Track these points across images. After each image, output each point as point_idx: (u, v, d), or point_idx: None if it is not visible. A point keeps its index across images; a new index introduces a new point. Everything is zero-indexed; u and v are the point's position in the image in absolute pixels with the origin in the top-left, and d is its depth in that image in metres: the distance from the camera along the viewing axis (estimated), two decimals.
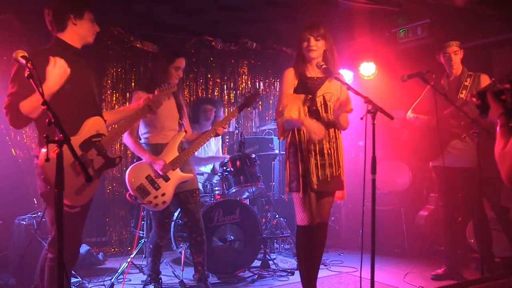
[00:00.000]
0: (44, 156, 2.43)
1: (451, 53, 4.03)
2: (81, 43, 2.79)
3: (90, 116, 2.72)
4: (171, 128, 3.76)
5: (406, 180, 5.52)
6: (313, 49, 3.16)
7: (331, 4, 4.80)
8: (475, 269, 4.42)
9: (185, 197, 3.73)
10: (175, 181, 3.61)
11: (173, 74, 3.69)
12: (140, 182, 3.50)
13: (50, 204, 2.63)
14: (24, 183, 4.73)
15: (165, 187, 3.55)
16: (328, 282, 4.14)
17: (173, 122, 3.78)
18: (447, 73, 4.16)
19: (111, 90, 5.58)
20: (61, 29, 2.72)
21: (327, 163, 3.18)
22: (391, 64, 5.72)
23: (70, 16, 2.70)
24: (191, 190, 3.76)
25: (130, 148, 3.71)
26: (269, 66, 6.66)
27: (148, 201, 3.49)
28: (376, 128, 2.83)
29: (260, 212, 5.53)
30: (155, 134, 3.72)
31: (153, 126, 3.71)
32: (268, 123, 6.08)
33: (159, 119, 3.66)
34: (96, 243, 5.38)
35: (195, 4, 4.91)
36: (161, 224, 3.75)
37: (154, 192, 3.51)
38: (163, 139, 3.71)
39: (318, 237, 3.25)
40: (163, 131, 3.72)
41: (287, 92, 3.21)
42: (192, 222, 3.73)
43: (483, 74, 4.04)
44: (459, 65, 4.09)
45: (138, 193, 3.48)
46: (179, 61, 3.71)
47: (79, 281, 4.04)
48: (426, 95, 4.28)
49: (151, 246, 3.82)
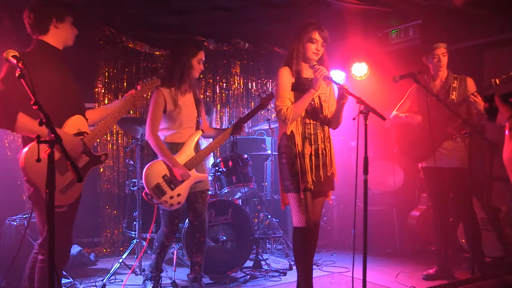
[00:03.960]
0: (25, 157, 2.43)
1: (440, 54, 4.04)
2: (62, 45, 2.81)
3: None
4: (188, 126, 3.68)
5: (398, 180, 5.54)
6: (318, 53, 3.19)
7: (323, 5, 4.80)
8: (466, 269, 4.43)
9: (195, 197, 3.69)
10: (191, 181, 3.57)
11: (195, 67, 3.67)
12: (157, 181, 3.46)
13: (38, 206, 2.62)
14: (15, 183, 4.69)
15: (181, 188, 3.52)
16: (320, 283, 4.15)
17: (191, 119, 3.71)
18: (432, 75, 4.17)
19: (104, 90, 5.55)
20: (43, 32, 2.73)
21: (321, 163, 3.19)
22: (383, 65, 5.74)
23: (52, 19, 2.72)
24: (202, 191, 3.72)
25: (153, 147, 3.58)
26: (261, 67, 6.65)
27: (164, 200, 3.46)
28: (368, 128, 2.84)
29: (252, 213, 5.53)
30: (172, 131, 3.64)
31: (172, 122, 3.63)
32: (260, 123, 6.08)
33: (180, 115, 3.60)
34: (88, 244, 5.35)
35: (188, 4, 4.89)
36: (170, 224, 3.67)
37: (170, 192, 3.47)
38: (179, 138, 3.64)
39: (311, 237, 3.26)
40: (180, 129, 3.64)
41: (286, 89, 3.19)
42: (198, 221, 3.69)
43: (468, 77, 4.08)
44: (445, 68, 4.12)
45: (154, 192, 3.44)
46: (202, 53, 3.70)
47: (71, 282, 4.02)
48: (412, 96, 4.28)
49: (157, 244, 3.75)
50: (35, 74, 2.45)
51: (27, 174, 2.47)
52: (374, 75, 6.06)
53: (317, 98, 3.22)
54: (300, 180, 3.11)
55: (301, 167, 3.13)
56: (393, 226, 5.35)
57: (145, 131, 3.63)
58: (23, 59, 2.29)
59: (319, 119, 3.22)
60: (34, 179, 2.46)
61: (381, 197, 5.66)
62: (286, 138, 3.19)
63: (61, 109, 2.65)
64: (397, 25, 5.51)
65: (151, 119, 3.52)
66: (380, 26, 5.62)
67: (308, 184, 3.11)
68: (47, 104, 2.27)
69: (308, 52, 3.18)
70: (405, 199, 5.60)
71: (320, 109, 3.24)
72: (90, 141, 2.76)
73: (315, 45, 3.17)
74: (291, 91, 3.18)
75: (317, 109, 3.22)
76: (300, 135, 3.16)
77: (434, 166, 4.00)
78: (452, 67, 4.15)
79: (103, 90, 5.55)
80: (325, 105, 3.25)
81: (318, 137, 3.20)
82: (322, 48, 3.21)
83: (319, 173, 3.18)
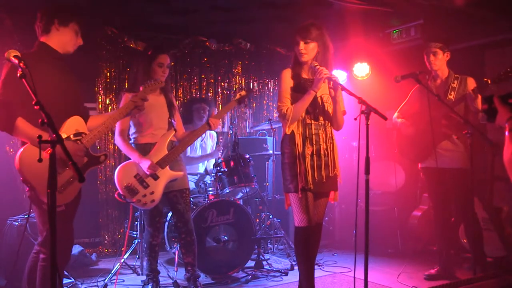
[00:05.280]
0: (20, 158, 2.44)
1: (430, 53, 4.06)
2: (61, 50, 2.83)
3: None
4: (159, 127, 3.72)
5: (400, 180, 5.54)
6: (302, 53, 3.19)
7: (325, 5, 4.80)
8: (467, 269, 4.44)
9: (175, 197, 3.72)
10: (165, 179, 3.60)
11: (157, 71, 3.66)
12: (128, 181, 3.50)
13: (36, 205, 2.64)
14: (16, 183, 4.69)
15: (154, 186, 3.55)
16: (322, 283, 4.15)
17: (162, 120, 3.75)
18: (433, 75, 4.18)
19: (105, 90, 5.55)
20: (45, 32, 2.78)
21: (323, 163, 3.19)
22: (385, 65, 5.73)
23: (54, 21, 2.76)
24: (181, 190, 3.74)
25: (120, 148, 3.73)
26: (263, 67, 6.66)
27: (137, 199, 3.49)
28: (370, 128, 2.84)
29: (254, 213, 5.53)
30: (143, 133, 3.70)
31: (140, 124, 3.69)
32: (262, 123, 6.08)
33: (146, 116, 3.64)
34: (89, 244, 5.36)
35: (189, 4, 4.90)
36: (152, 223, 3.74)
37: (142, 190, 3.51)
38: (152, 139, 3.69)
39: (313, 237, 3.26)
40: (151, 129, 3.69)
41: (287, 90, 3.21)
42: (181, 222, 3.73)
43: (469, 77, 4.07)
44: (444, 68, 4.11)
45: (127, 192, 3.49)
46: (162, 57, 3.68)
47: (72, 282, 4.03)
48: (414, 96, 4.29)
49: (145, 245, 3.81)
50: (36, 75, 2.46)
51: (23, 175, 2.49)
52: (376, 75, 6.06)
53: (320, 99, 3.22)
54: (299, 180, 3.11)
55: (300, 167, 3.13)
56: (395, 226, 5.35)
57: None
58: (24, 59, 2.30)
59: (321, 119, 3.23)
60: (29, 179, 2.48)
61: (383, 197, 5.65)
62: (287, 138, 3.20)
63: (59, 110, 2.66)
64: (399, 25, 5.51)
65: (119, 122, 3.48)
66: (382, 26, 5.62)
67: (308, 184, 3.11)
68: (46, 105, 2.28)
69: (296, 53, 3.23)
70: (407, 199, 5.60)
71: (322, 110, 3.24)
72: (88, 141, 2.78)
73: (297, 45, 3.19)
74: (292, 92, 3.20)
75: (319, 110, 3.23)
76: (301, 135, 3.17)
77: (434, 167, 4.00)
78: (453, 67, 4.15)
79: (104, 90, 5.55)
80: (327, 105, 3.25)
81: (320, 137, 3.21)
82: (308, 46, 3.17)
83: (321, 173, 3.18)
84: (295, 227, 3.21)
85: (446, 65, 4.11)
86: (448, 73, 4.12)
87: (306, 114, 3.19)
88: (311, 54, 3.20)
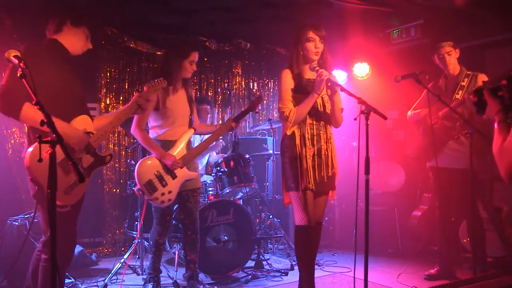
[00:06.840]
0: (30, 157, 2.44)
1: (445, 54, 4.03)
2: (71, 49, 2.86)
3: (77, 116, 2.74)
4: (181, 124, 3.72)
5: (400, 180, 5.54)
6: (318, 51, 3.18)
7: (325, 5, 4.80)
8: (467, 269, 4.44)
9: (186, 195, 3.72)
10: (181, 179, 3.60)
11: (187, 68, 3.68)
12: (149, 177, 3.48)
13: (42, 205, 2.63)
14: (16, 183, 4.69)
15: (172, 185, 3.55)
16: (322, 282, 4.15)
17: (184, 117, 3.75)
18: (445, 73, 4.15)
19: (105, 90, 5.56)
20: (57, 31, 2.81)
21: (324, 164, 3.20)
22: (385, 65, 5.74)
23: (67, 21, 2.82)
24: (193, 189, 3.75)
25: (139, 141, 3.63)
26: (263, 67, 6.66)
27: (155, 197, 3.48)
28: (370, 128, 2.84)
29: (254, 213, 5.53)
30: (165, 129, 3.67)
31: (165, 120, 3.64)
32: (262, 123, 6.08)
33: (172, 113, 3.63)
34: (90, 244, 5.35)
35: (189, 4, 4.90)
36: (162, 221, 3.71)
37: (161, 188, 3.50)
38: (172, 136, 3.67)
39: (313, 236, 3.27)
40: (173, 126, 3.67)
41: (289, 91, 3.20)
42: (189, 220, 3.73)
43: (481, 74, 4.02)
44: (456, 65, 4.08)
45: (146, 188, 3.46)
46: (194, 54, 3.70)
47: (72, 282, 4.02)
48: (424, 96, 4.28)
49: (151, 243, 3.78)
50: (47, 67, 2.58)
51: (32, 173, 2.48)
52: (376, 75, 6.06)
53: (320, 99, 3.23)
54: (300, 180, 3.12)
55: (302, 166, 3.13)
56: (395, 226, 5.35)
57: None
58: (35, 49, 2.32)
59: (322, 120, 3.23)
60: (38, 178, 2.47)
61: (383, 197, 5.65)
62: (288, 138, 3.21)
63: (69, 104, 2.69)
64: (399, 25, 5.51)
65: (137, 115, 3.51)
66: (382, 26, 5.62)
67: (310, 184, 3.12)
68: (52, 103, 2.29)
69: (309, 52, 3.19)
70: (407, 199, 5.60)
71: (323, 110, 3.24)
72: (95, 141, 2.77)
73: (312, 43, 3.17)
74: (294, 93, 3.20)
75: (320, 110, 3.23)
76: (301, 135, 3.17)
77: (443, 167, 3.99)
78: None
79: (104, 90, 5.55)
80: (327, 106, 3.26)
81: (321, 137, 3.22)
82: (322, 45, 3.20)
83: (322, 173, 3.19)
84: (295, 226, 3.22)
85: (457, 62, 4.10)
86: (460, 70, 4.08)
87: (307, 115, 3.20)
88: (321, 53, 3.21)
